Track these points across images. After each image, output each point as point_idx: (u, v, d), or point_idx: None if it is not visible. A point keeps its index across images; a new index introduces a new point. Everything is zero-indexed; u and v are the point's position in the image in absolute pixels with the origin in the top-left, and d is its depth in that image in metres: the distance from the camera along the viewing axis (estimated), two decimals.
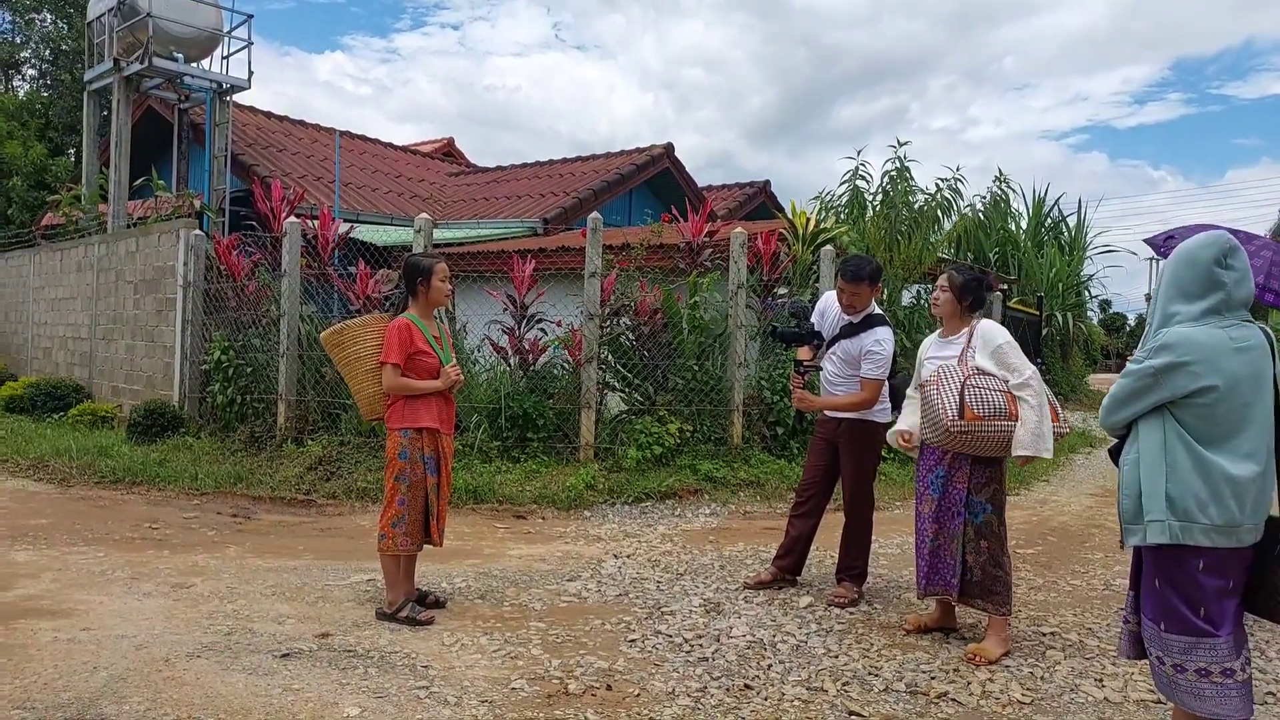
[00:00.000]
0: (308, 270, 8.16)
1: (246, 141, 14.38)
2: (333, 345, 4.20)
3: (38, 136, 20.73)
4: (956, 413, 3.65)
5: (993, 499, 3.81)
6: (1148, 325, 2.70)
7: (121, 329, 10.44)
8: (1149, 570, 2.62)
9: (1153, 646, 2.61)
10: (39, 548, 5.28)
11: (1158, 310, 2.63)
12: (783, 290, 8.41)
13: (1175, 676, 2.55)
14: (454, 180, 18.46)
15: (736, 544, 5.69)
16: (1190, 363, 2.48)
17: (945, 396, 3.70)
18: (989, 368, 3.74)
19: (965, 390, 3.68)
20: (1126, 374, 2.60)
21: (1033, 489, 8.16)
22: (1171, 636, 2.54)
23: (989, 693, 3.39)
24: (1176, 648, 2.54)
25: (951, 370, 3.77)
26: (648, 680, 3.43)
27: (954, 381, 3.72)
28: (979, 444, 3.69)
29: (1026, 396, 3.66)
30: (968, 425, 3.64)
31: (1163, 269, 2.69)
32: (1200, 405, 2.49)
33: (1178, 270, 2.59)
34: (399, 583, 4.09)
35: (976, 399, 3.66)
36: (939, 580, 3.87)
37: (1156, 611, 2.59)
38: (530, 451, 7.32)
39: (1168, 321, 2.58)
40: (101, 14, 12.42)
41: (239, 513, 6.48)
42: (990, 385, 3.69)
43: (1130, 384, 2.58)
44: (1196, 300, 2.54)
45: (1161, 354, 2.52)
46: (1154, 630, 2.60)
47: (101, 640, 3.70)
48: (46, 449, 8.26)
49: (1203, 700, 2.51)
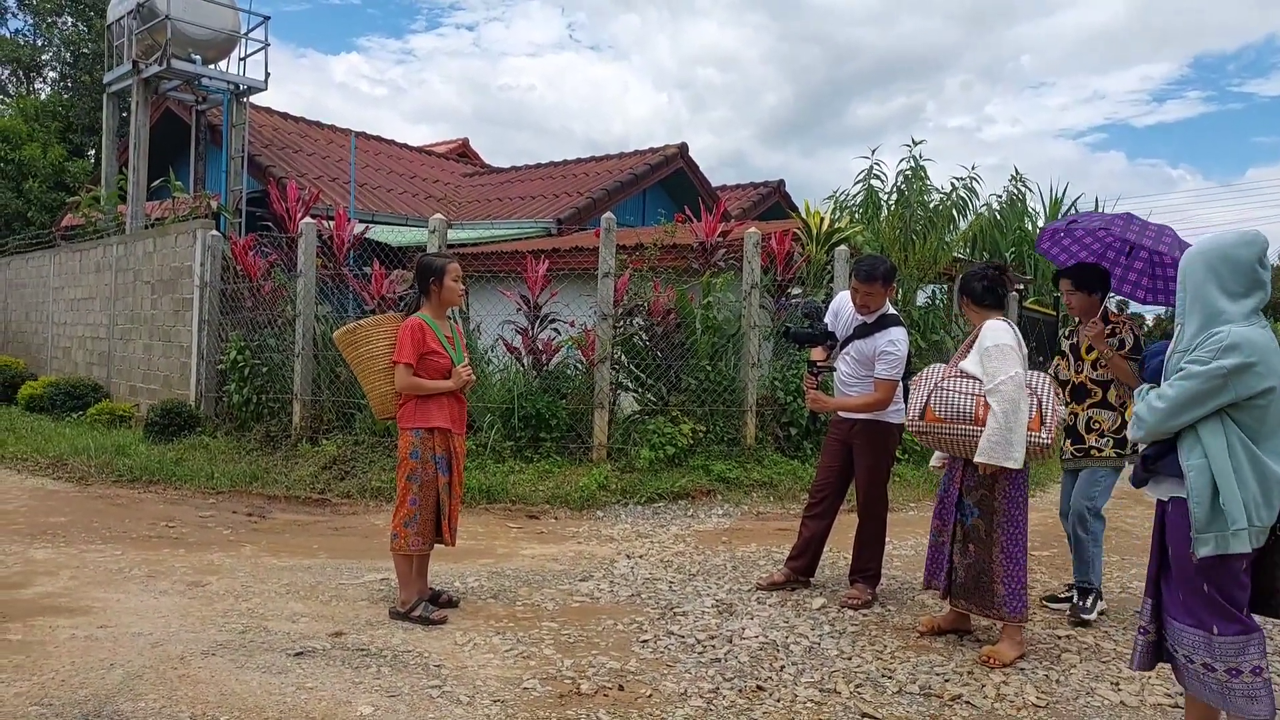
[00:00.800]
0: (323, 270, 8.20)
1: (263, 142, 14.48)
2: (346, 344, 4.22)
3: (58, 138, 20.96)
4: (918, 412, 3.77)
5: (980, 504, 3.76)
6: (1179, 325, 2.61)
7: (139, 329, 10.54)
8: (1194, 577, 2.55)
9: (1199, 654, 2.54)
10: (57, 545, 5.34)
11: (1199, 307, 2.53)
12: (797, 290, 8.39)
13: (1230, 681, 2.50)
14: (468, 181, 18.52)
15: (749, 545, 5.68)
16: (1257, 363, 2.42)
17: (916, 394, 3.82)
18: (973, 369, 3.73)
19: (934, 392, 3.75)
20: (1192, 375, 2.48)
21: (1047, 490, 8.09)
22: (1227, 639, 2.50)
23: (1003, 696, 3.37)
24: (1231, 650, 2.50)
25: (934, 370, 3.87)
26: (660, 681, 3.43)
27: (929, 381, 3.82)
28: (941, 444, 3.79)
29: (993, 403, 3.61)
30: (925, 425, 3.75)
31: (1184, 269, 2.59)
32: (1257, 407, 2.45)
33: (1215, 267, 2.51)
34: (412, 582, 4.10)
35: (940, 401, 3.71)
36: (933, 575, 3.97)
37: (1207, 617, 2.53)
38: (543, 451, 7.33)
39: (1216, 320, 2.49)
40: (121, 17, 12.54)
41: (254, 511, 6.52)
42: (962, 388, 3.70)
43: (1197, 386, 2.47)
44: (1241, 299, 2.49)
45: (1231, 354, 2.43)
46: (1203, 637, 2.53)
47: (118, 638, 3.73)
48: (65, 448, 8.35)
49: (1257, 701, 2.49)
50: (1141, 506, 7.51)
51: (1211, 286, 2.51)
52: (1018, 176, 12.29)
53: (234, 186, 12.43)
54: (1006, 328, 3.83)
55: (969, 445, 3.67)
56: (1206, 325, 2.51)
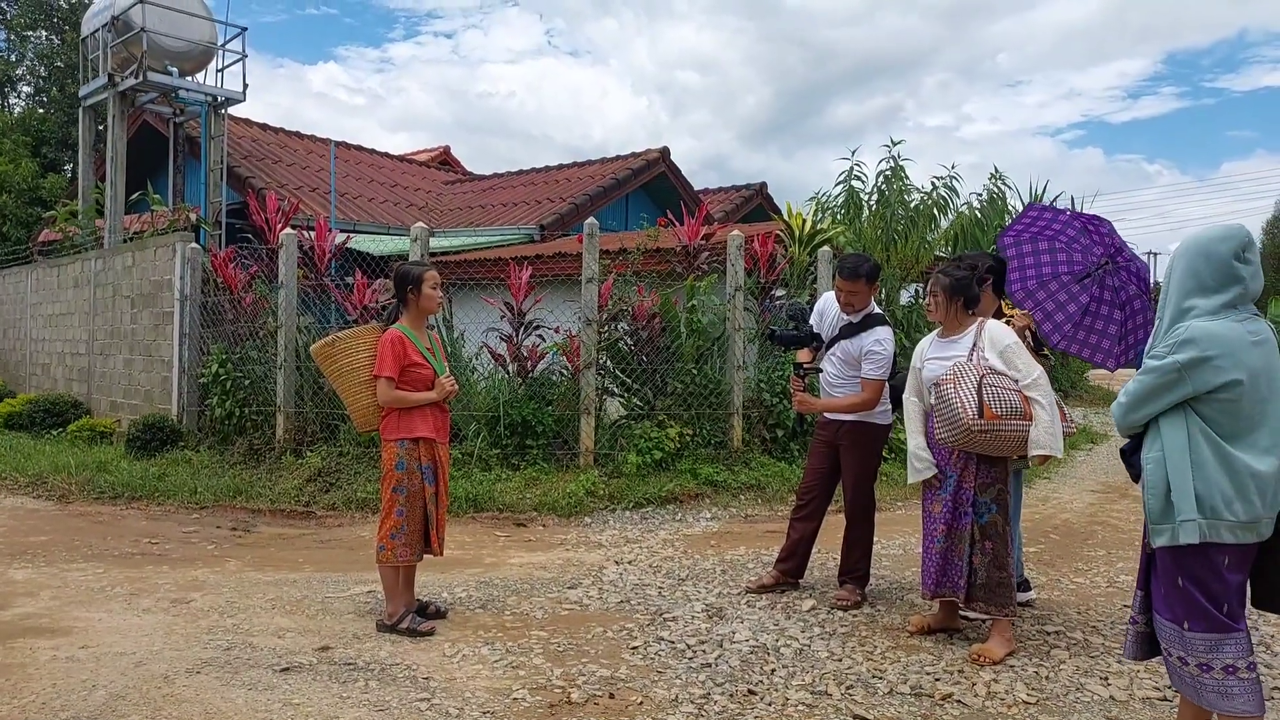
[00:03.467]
0: (305, 281, 8.15)
1: (242, 154, 14.38)
2: (324, 358, 4.18)
3: (31, 153, 20.74)
4: (976, 411, 3.56)
5: (997, 499, 3.77)
6: (1159, 320, 2.63)
7: (119, 344, 10.43)
8: (1169, 569, 2.56)
9: (1174, 647, 2.56)
10: (38, 565, 5.26)
11: (1170, 304, 2.56)
12: (780, 292, 8.39)
13: (1201, 676, 2.50)
14: (450, 188, 18.46)
15: (738, 548, 5.67)
16: (1214, 357, 2.43)
17: (964, 395, 3.60)
18: (1000, 367, 3.71)
19: (983, 389, 3.60)
20: (1147, 371, 2.53)
21: (1034, 486, 8.13)
22: (1197, 635, 2.50)
23: (994, 693, 3.37)
24: (1202, 646, 2.50)
25: (966, 368, 3.69)
26: (651, 688, 3.41)
27: (971, 380, 3.64)
28: (997, 444, 3.63)
29: (1038, 396, 3.63)
30: (988, 425, 3.56)
31: (1170, 263, 2.62)
32: (1223, 400, 2.45)
33: (1193, 263, 2.53)
34: (399, 594, 4.06)
35: (995, 398, 3.59)
36: (948, 583, 3.82)
37: (1180, 611, 2.54)
38: (530, 459, 7.30)
39: (1183, 316, 2.52)
40: (96, 30, 12.42)
41: (238, 526, 6.45)
42: (1005, 385, 3.65)
43: (1152, 381, 2.51)
44: (1214, 294, 2.49)
45: (1185, 349, 2.46)
46: (1175, 631, 2.54)
47: (100, 658, 3.68)
48: (45, 465, 8.24)
49: (1230, 698, 2.48)
50: (1126, 501, 7.56)
51: (1189, 282, 2.53)
52: (997, 175, 12.37)
53: (213, 199, 12.33)
54: (1007, 327, 3.86)
55: (1019, 441, 3.61)
56: (1176, 320, 2.54)
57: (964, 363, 3.73)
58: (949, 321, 3.91)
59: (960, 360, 3.76)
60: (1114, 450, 10.76)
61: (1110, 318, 4.54)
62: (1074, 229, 4.56)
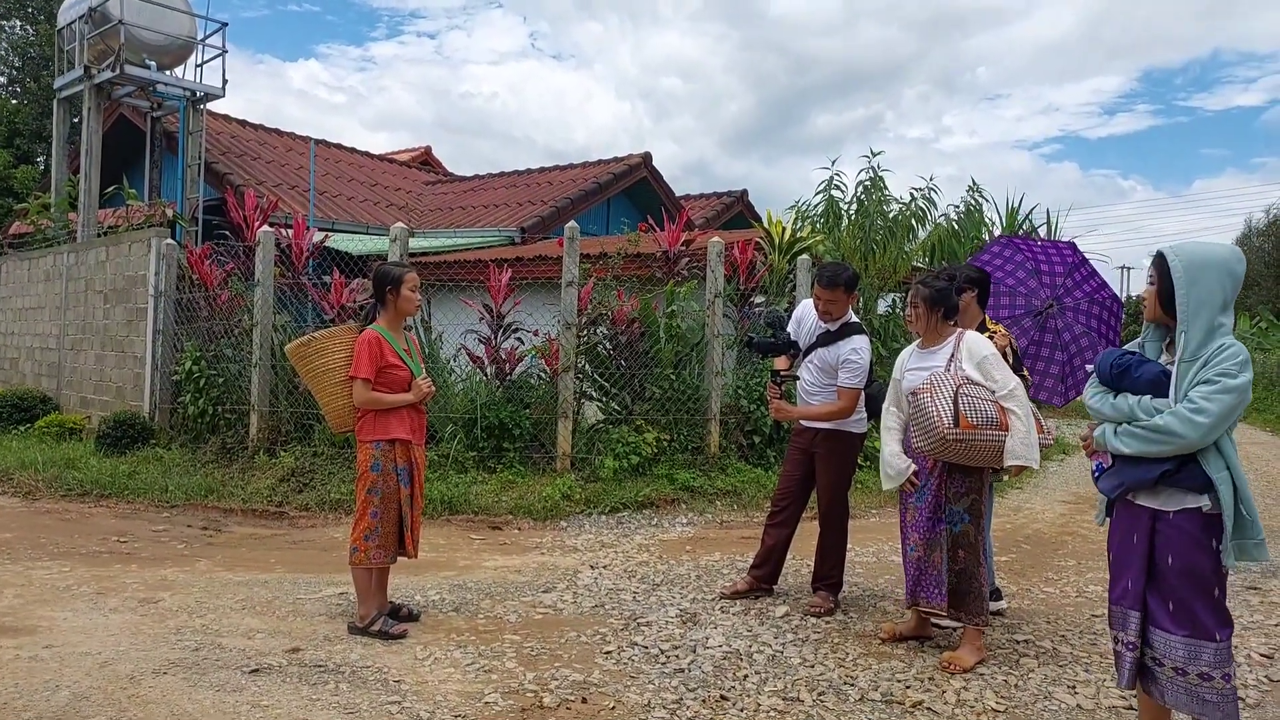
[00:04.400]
0: (281, 279, 8.08)
1: (220, 150, 14.23)
2: (299, 357, 4.14)
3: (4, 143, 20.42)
4: (952, 420, 3.59)
5: (970, 509, 3.80)
6: (1181, 332, 2.55)
7: (91, 339, 10.28)
8: (1207, 585, 2.56)
9: (1195, 665, 2.55)
10: (2, 563, 5.17)
11: (1199, 320, 2.52)
12: (760, 299, 8.43)
13: (1225, 687, 2.55)
14: (431, 189, 18.38)
15: (713, 553, 5.68)
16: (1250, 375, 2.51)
17: (940, 404, 3.63)
18: (977, 378, 3.74)
19: (959, 398, 3.62)
20: (1229, 390, 2.45)
21: (1006, 496, 8.22)
22: (1225, 644, 2.57)
23: (964, 701, 3.40)
24: (1228, 655, 2.57)
25: (943, 378, 3.73)
26: (623, 692, 3.41)
27: (947, 389, 3.66)
28: (972, 453, 3.65)
29: (1014, 407, 3.66)
30: (963, 434, 3.58)
31: (1186, 278, 2.54)
32: None
33: (1220, 281, 2.53)
34: (371, 596, 4.03)
35: (971, 408, 3.61)
36: (924, 591, 3.84)
37: (1214, 624, 2.56)
38: (506, 461, 7.28)
39: (1215, 334, 2.52)
40: (72, 21, 12.25)
41: (209, 525, 6.38)
42: (982, 395, 3.67)
43: (1236, 400, 2.47)
44: (1229, 311, 2.56)
45: (1248, 367, 2.50)
46: (1206, 647, 2.55)
47: (64, 658, 3.62)
48: (12, 461, 8.10)
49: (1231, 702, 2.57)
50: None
51: (1216, 300, 2.53)
52: (975, 187, 12.51)
53: (190, 194, 12.19)
54: (986, 339, 3.90)
55: (994, 451, 3.63)
56: (1211, 335, 2.52)
57: (941, 372, 3.76)
58: (929, 332, 3.93)
59: (938, 370, 3.79)
60: (1085, 462, 10.89)
61: (1052, 359, 4.82)
62: (1025, 270, 4.83)
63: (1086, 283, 4.87)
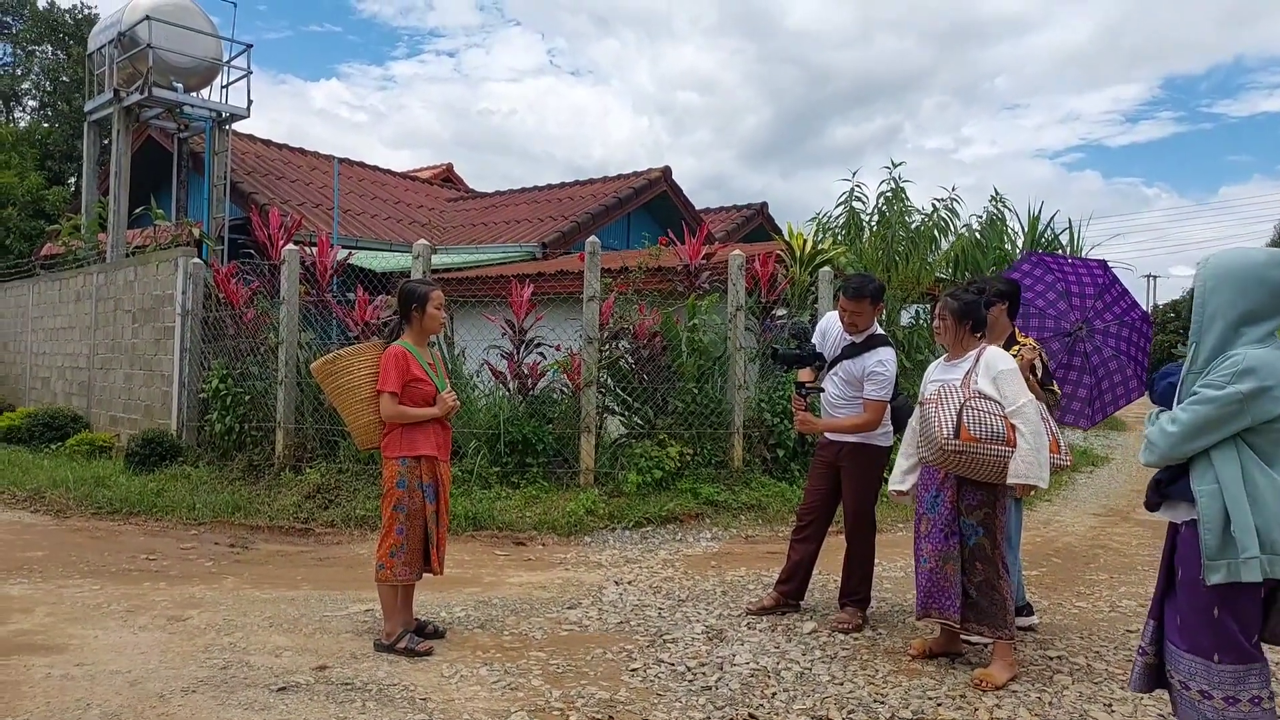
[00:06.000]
0: (306, 297, 8.15)
1: (245, 169, 14.44)
2: (325, 375, 4.16)
3: (37, 166, 20.84)
4: (952, 431, 3.60)
5: (984, 522, 3.76)
6: (1197, 343, 2.51)
7: (120, 358, 10.42)
8: (1206, 600, 2.48)
9: (1196, 682, 2.49)
10: (34, 581, 5.23)
11: (1212, 330, 2.46)
12: (781, 312, 8.41)
13: (1226, 710, 2.45)
14: (452, 206, 18.52)
15: (738, 569, 5.64)
16: (1273, 387, 2.35)
17: (943, 415, 3.66)
18: (990, 392, 3.71)
19: (964, 411, 3.63)
20: (1205, 400, 2.41)
21: (1036, 509, 8.10)
22: (1226, 668, 2.46)
23: (997, 719, 3.34)
24: (1230, 679, 2.46)
25: (953, 390, 3.74)
26: (650, 710, 3.38)
27: (953, 401, 3.68)
28: (973, 466, 3.64)
29: (1020, 424, 3.62)
30: (962, 445, 3.59)
31: (1207, 286, 2.48)
32: (1274, 430, 2.39)
33: (1245, 288, 2.42)
34: (397, 613, 4.04)
35: (974, 420, 3.60)
36: (935, 603, 3.83)
37: (1211, 644, 2.48)
38: (530, 477, 7.28)
39: (1230, 343, 2.43)
40: (102, 46, 12.50)
41: (237, 542, 6.42)
42: (991, 409, 3.65)
43: (1211, 411, 2.39)
44: (1265, 321, 2.42)
45: (1246, 379, 2.36)
46: (1202, 664, 2.48)
47: (95, 676, 3.65)
48: (43, 480, 8.21)
49: None
50: (1128, 525, 7.53)
51: (1239, 308, 2.42)
52: (997, 197, 12.42)
53: (216, 214, 12.36)
54: (1007, 354, 3.87)
55: (999, 466, 3.61)
56: (1223, 347, 2.44)
57: (953, 385, 3.78)
58: (955, 345, 3.93)
59: (952, 382, 3.80)
60: (1115, 474, 10.74)
61: (1080, 382, 4.77)
62: (1056, 291, 4.80)
63: (1117, 304, 4.81)
